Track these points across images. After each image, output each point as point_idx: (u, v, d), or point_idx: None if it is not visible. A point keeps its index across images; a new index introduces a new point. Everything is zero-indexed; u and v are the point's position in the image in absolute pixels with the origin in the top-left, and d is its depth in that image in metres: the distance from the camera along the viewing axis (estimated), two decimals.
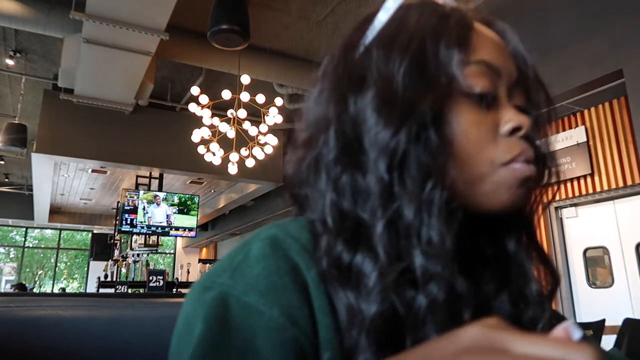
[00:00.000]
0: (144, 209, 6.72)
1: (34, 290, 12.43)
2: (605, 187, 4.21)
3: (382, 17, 0.43)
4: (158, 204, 6.86)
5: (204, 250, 13.81)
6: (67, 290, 14.41)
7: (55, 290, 13.74)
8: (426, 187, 0.37)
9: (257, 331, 0.34)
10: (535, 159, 0.43)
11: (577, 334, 0.25)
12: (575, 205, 4.53)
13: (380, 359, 0.35)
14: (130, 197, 6.71)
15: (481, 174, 0.41)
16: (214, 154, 5.07)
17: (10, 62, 5.49)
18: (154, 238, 7.17)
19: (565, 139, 4.47)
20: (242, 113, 4.74)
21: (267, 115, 4.88)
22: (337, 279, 0.38)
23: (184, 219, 7.04)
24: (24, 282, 10.35)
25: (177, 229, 6.98)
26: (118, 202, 7.33)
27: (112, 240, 8.40)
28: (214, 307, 0.35)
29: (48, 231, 14.24)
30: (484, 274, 0.46)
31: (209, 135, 4.91)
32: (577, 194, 4.44)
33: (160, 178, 7.51)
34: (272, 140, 5.12)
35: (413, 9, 0.43)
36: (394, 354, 0.29)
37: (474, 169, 0.41)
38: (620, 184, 4.09)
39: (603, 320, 2.90)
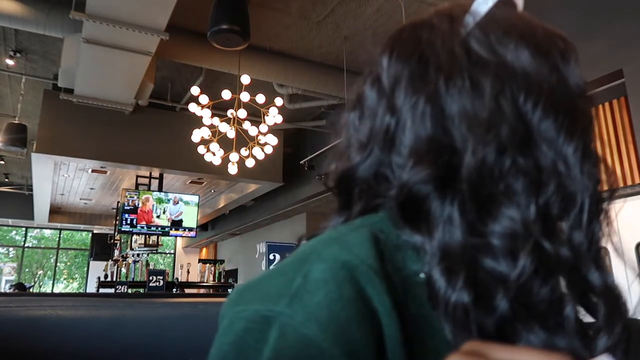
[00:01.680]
0: (154, 208, 6.76)
1: (34, 290, 12.43)
2: (606, 187, 4.21)
3: (476, 14, 0.42)
4: (176, 203, 6.93)
5: (204, 250, 13.81)
6: (67, 290, 14.42)
7: (55, 291, 13.74)
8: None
9: None
10: None
11: None
12: None
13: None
14: (130, 197, 6.71)
15: None
16: (214, 154, 5.07)
17: (10, 62, 5.49)
18: (154, 238, 7.17)
19: None
20: (242, 113, 4.74)
21: (267, 115, 4.88)
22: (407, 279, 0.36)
23: (183, 219, 7.05)
24: (23, 282, 10.35)
25: (177, 229, 6.98)
26: (118, 202, 7.33)
27: (112, 240, 8.40)
28: (278, 342, 0.32)
29: (48, 231, 14.24)
30: None
31: (209, 135, 4.91)
32: None
33: (160, 178, 7.50)
34: (272, 140, 5.12)
35: (515, 14, 0.46)
36: None
37: None
38: (620, 184, 4.09)
39: None
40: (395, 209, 0.39)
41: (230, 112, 4.89)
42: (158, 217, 6.77)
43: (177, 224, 6.94)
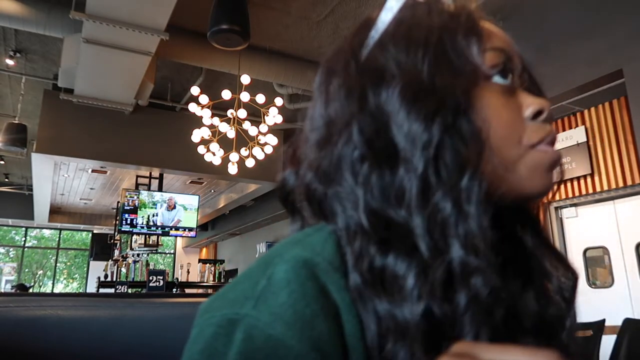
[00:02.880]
0: (147, 214, 6.72)
1: (34, 290, 12.43)
2: (605, 187, 4.21)
3: (386, 16, 0.43)
4: (172, 208, 6.86)
5: (204, 250, 13.81)
6: (67, 290, 14.41)
7: (55, 291, 13.74)
8: (464, 177, 0.36)
9: None
10: None
11: None
12: (575, 205, 4.53)
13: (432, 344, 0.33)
14: (130, 197, 6.70)
15: (514, 157, 0.41)
16: (214, 154, 5.07)
17: (10, 62, 5.49)
18: (154, 238, 7.17)
19: (565, 139, 4.47)
20: (242, 113, 4.74)
21: (267, 115, 4.88)
22: (370, 288, 0.35)
23: (184, 219, 7.04)
24: (23, 282, 10.36)
25: (177, 228, 6.98)
26: (118, 202, 7.34)
27: (112, 240, 8.41)
28: (244, 344, 0.32)
29: (48, 231, 14.24)
30: (508, 272, 0.44)
31: (209, 135, 4.91)
32: (577, 194, 4.44)
33: (160, 178, 7.51)
34: (272, 140, 5.12)
35: (420, 7, 0.44)
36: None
37: (506, 153, 0.40)
38: (620, 184, 4.09)
39: (603, 321, 2.90)
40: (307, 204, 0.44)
41: (230, 112, 4.89)
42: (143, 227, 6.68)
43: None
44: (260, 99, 4.61)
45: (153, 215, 6.75)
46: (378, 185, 0.38)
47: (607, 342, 2.93)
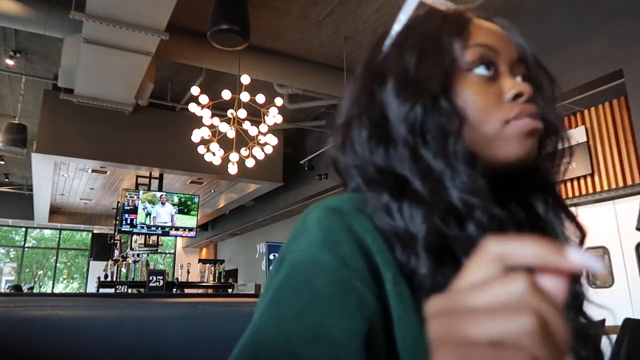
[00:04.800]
0: (144, 209, 6.71)
1: (34, 290, 12.42)
2: (605, 187, 4.20)
3: (397, 27, 0.54)
4: (163, 203, 6.86)
5: (204, 250, 13.81)
6: (67, 291, 14.41)
7: (55, 291, 13.74)
8: (449, 142, 0.46)
9: (316, 274, 0.40)
10: (541, 119, 0.51)
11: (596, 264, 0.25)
12: (575, 205, 4.52)
13: (435, 273, 0.41)
14: (130, 197, 6.70)
15: (492, 131, 0.49)
16: (214, 154, 5.07)
17: (10, 62, 5.50)
18: (154, 238, 7.16)
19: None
20: (242, 113, 4.74)
21: (267, 115, 4.88)
22: (387, 220, 0.45)
23: (184, 219, 7.04)
24: (21, 284, 10.38)
25: (177, 229, 6.98)
26: (118, 202, 7.33)
27: (112, 240, 8.40)
28: (288, 268, 0.42)
29: (48, 231, 14.24)
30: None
31: (209, 135, 4.91)
32: (577, 194, 4.44)
33: (160, 178, 7.51)
34: (272, 140, 5.12)
35: (421, 16, 0.54)
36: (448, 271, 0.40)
37: (485, 128, 0.49)
38: (620, 184, 4.09)
39: (603, 320, 2.90)
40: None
41: (230, 112, 4.89)
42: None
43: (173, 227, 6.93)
44: (260, 99, 4.61)
45: (149, 215, 6.75)
46: (382, 154, 0.49)
47: (607, 342, 2.92)
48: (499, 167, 0.50)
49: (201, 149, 5.07)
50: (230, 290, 6.29)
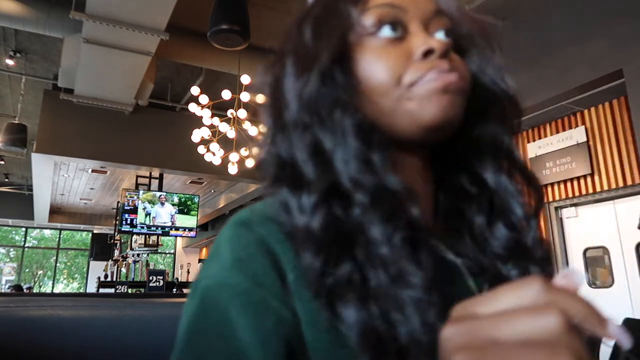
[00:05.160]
0: (144, 209, 6.71)
1: (34, 290, 12.43)
2: (605, 187, 4.20)
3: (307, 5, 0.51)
4: (163, 203, 6.86)
5: (204, 250, 13.80)
6: (67, 291, 14.41)
7: (55, 291, 13.74)
8: (339, 117, 0.42)
9: (228, 302, 0.38)
10: (475, 75, 0.47)
11: (579, 279, 0.26)
12: (575, 205, 4.52)
13: (326, 270, 0.38)
14: (130, 197, 6.70)
15: (400, 93, 0.44)
16: (214, 154, 5.07)
17: (10, 62, 5.50)
18: (154, 238, 7.17)
19: (565, 139, 4.47)
20: (242, 113, 4.74)
21: None
22: (287, 219, 0.42)
23: (184, 219, 7.04)
24: (21, 283, 10.37)
25: (177, 229, 6.98)
26: (118, 202, 7.33)
27: (112, 240, 8.41)
28: (200, 297, 0.39)
29: (48, 231, 14.24)
30: (471, 209, 0.49)
31: (209, 135, 4.91)
32: (577, 194, 4.44)
33: (160, 178, 7.51)
34: None
35: None
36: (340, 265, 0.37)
37: (392, 91, 0.44)
38: (620, 184, 4.09)
39: None
40: None
41: (230, 112, 4.89)
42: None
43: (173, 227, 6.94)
44: (261, 99, 4.60)
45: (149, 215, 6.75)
46: (282, 143, 0.46)
47: (607, 342, 2.93)
48: (419, 136, 0.45)
49: (201, 149, 5.07)
50: None
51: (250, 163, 5.10)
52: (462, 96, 0.45)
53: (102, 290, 5.83)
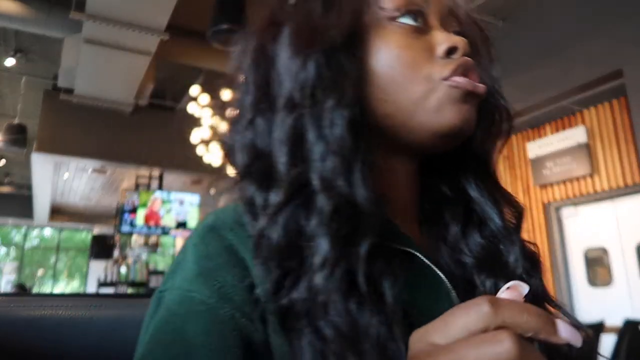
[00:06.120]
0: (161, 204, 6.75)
1: (34, 290, 12.43)
2: (605, 187, 4.21)
3: None
4: (181, 203, 6.93)
5: None
6: (67, 291, 14.41)
7: (55, 291, 13.74)
8: (327, 103, 0.37)
9: (187, 318, 0.34)
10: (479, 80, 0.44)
11: (524, 289, 0.26)
12: (575, 205, 4.52)
13: (281, 283, 0.34)
14: (130, 197, 6.71)
15: (423, 92, 0.40)
16: (214, 154, 5.07)
17: (10, 62, 5.49)
18: (154, 238, 7.17)
19: (565, 139, 4.47)
20: None
21: None
22: (252, 222, 0.37)
23: (184, 219, 7.04)
24: (23, 283, 10.37)
25: (177, 228, 6.98)
26: (118, 202, 7.33)
27: (112, 241, 8.40)
28: (160, 314, 0.36)
29: (48, 231, 14.24)
30: (447, 216, 0.46)
31: (208, 136, 4.91)
32: (577, 194, 4.44)
33: (160, 178, 7.50)
34: None
35: None
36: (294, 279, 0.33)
37: (413, 88, 0.40)
38: (621, 184, 4.09)
39: (601, 323, 2.91)
40: None
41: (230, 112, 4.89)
42: (161, 218, 6.76)
43: (182, 225, 6.94)
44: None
45: (168, 210, 6.80)
46: (263, 126, 0.40)
47: (607, 342, 2.93)
48: (427, 142, 0.41)
49: (201, 149, 5.07)
50: None
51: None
52: (477, 107, 0.42)
53: (102, 290, 5.83)
